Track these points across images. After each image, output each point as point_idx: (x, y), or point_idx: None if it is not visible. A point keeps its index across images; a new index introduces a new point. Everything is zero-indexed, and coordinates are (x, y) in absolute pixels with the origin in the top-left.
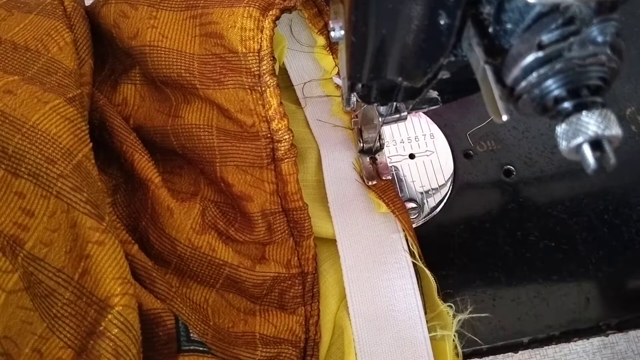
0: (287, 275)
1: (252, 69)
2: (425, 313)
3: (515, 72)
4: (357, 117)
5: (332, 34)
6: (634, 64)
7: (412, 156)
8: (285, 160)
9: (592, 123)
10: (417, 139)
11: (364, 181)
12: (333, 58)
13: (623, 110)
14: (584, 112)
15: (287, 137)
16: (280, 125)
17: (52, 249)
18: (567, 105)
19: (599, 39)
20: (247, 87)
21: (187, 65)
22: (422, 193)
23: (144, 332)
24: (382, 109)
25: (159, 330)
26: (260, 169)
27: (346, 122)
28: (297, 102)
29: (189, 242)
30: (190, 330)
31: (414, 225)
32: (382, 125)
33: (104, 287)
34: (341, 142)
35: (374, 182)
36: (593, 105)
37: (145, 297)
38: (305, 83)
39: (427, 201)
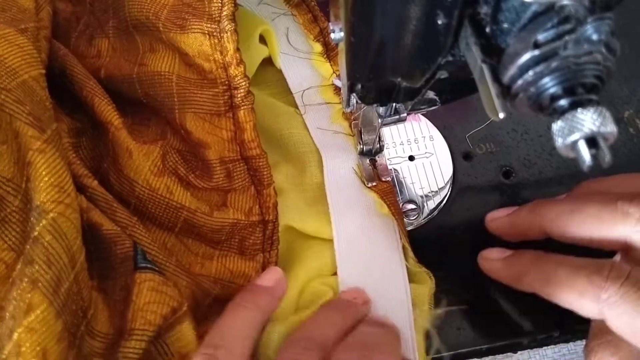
0: (246, 222)
1: (214, 15)
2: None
3: (512, 70)
4: (356, 119)
5: (332, 35)
6: (631, 66)
7: (411, 158)
8: (242, 108)
9: (587, 120)
10: (416, 141)
11: (364, 183)
12: (330, 65)
13: (621, 113)
14: (580, 110)
15: (243, 83)
16: (237, 72)
17: (1, 160)
18: (562, 102)
19: (594, 37)
20: (206, 32)
21: (155, 10)
22: (421, 195)
23: (102, 251)
24: (381, 110)
25: (116, 249)
26: (218, 116)
27: (346, 129)
28: (295, 107)
29: (146, 183)
30: (147, 255)
31: (413, 227)
32: (381, 127)
33: (40, 193)
34: (342, 147)
35: (374, 184)
36: (588, 102)
37: (105, 220)
38: (304, 91)
39: (426, 203)
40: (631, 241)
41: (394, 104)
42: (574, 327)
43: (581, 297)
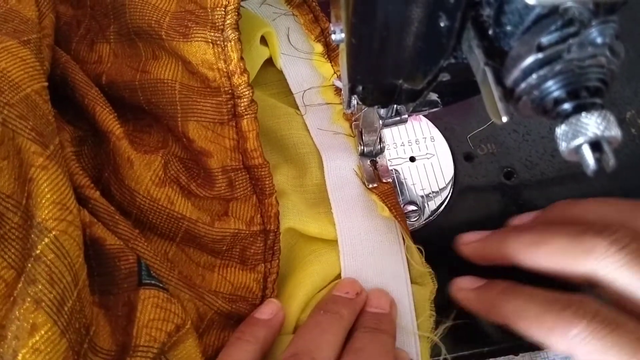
0: (247, 232)
1: (217, 24)
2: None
3: (515, 73)
4: (357, 120)
5: (333, 36)
6: (633, 67)
7: (412, 159)
8: (245, 116)
9: (591, 124)
10: (417, 142)
11: (365, 184)
12: (332, 65)
13: (623, 114)
14: (584, 114)
15: (247, 92)
16: (240, 81)
17: (1, 176)
18: (566, 106)
19: (598, 40)
20: (210, 40)
21: (157, 17)
22: (422, 196)
23: (105, 266)
24: (382, 111)
25: (120, 264)
26: (221, 125)
27: (347, 130)
28: (296, 108)
29: (147, 193)
30: (151, 270)
31: (414, 228)
32: (382, 128)
33: (42, 211)
34: (342, 149)
35: (375, 185)
36: (592, 106)
37: (108, 234)
38: (305, 91)
39: (427, 204)
40: (597, 277)
41: (395, 105)
42: None
43: (551, 333)
